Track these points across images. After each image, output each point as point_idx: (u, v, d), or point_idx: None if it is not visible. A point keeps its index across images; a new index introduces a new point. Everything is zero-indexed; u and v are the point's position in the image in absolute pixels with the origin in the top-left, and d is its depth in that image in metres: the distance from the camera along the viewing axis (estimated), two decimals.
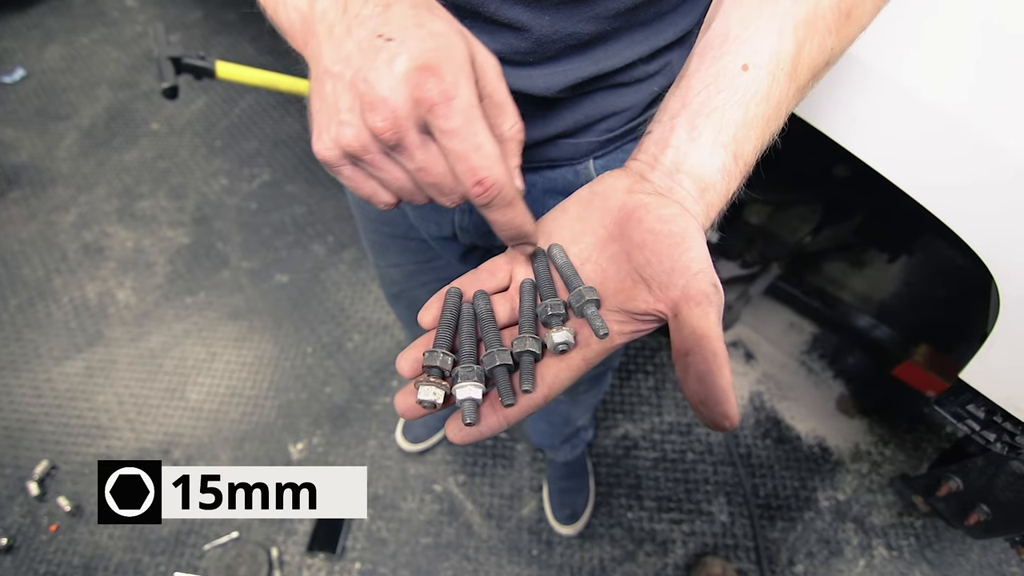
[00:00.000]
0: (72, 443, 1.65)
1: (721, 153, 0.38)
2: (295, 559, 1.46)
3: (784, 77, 0.38)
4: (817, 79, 0.42)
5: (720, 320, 0.33)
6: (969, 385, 0.73)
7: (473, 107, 0.30)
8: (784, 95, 0.39)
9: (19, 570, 1.45)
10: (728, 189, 0.39)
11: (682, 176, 0.38)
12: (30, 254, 2.06)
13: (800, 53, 0.39)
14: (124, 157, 2.37)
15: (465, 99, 0.30)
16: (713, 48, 0.40)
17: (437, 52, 0.30)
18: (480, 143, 0.31)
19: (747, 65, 0.38)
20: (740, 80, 0.38)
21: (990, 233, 0.63)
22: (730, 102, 0.38)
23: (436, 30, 0.30)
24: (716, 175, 0.38)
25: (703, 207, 0.38)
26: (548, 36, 0.45)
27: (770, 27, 0.38)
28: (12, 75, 2.68)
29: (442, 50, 0.30)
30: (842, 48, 0.42)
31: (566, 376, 0.37)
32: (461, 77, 0.30)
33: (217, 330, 1.86)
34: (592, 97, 0.52)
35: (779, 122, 0.40)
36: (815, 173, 1.35)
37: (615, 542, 1.48)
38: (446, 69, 0.30)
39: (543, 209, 0.62)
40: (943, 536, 1.47)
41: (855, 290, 1.62)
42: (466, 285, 0.41)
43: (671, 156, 0.39)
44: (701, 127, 0.38)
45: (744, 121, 0.38)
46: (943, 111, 0.61)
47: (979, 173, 0.61)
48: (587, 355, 0.37)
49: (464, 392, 0.35)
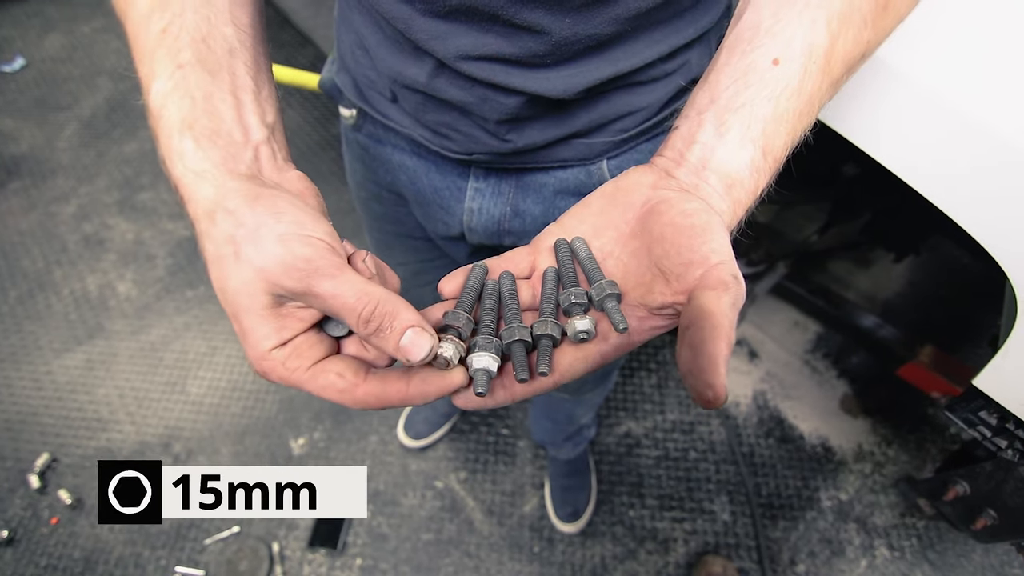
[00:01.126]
0: (73, 436, 1.64)
1: (750, 149, 0.37)
2: (296, 554, 1.45)
3: (817, 71, 0.37)
4: (852, 72, 0.40)
5: (735, 308, 0.31)
6: (982, 392, 0.72)
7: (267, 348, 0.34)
8: (817, 89, 0.38)
9: (20, 563, 1.45)
10: (757, 186, 0.38)
11: (708, 173, 0.37)
12: (30, 245, 2.05)
13: (834, 46, 0.37)
14: (124, 148, 2.35)
15: (258, 346, 0.34)
16: (743, 41, 0.39)
17: (235, 317, 0.35)
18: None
19: (778, 59, 0.37)
20: (771, 74, 0.37)
21: (1009, 238, 0.62)
22: (759, 96, 0.37)
23: (226, 289, 0.34)
24: (744, 171, 0.37)
25: (729, 204, 0.37)
26: (567, 39, 0.44)
27: (803, 20, 0.37)
28: (12, 64, 2.65)
29: (235, 314, 0.34)
30: (879, 40, 0.40)
31: (580, 367, 0.37)
32: (252, 320, 0.34)
33: (218, 324, 1.85)
34: (608, 97, 0.51)
35: (811, 117, 0.39)
36: (823, 171, 1.33)
37: (617, 540, 1.48)
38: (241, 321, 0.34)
39: (555, 210, 0.61)
40: (945, 537, 1.46)
41: (860, 289, 1.61)
42: (492, 265, 0.41)
43: (698, 152, 0.38)
44: (729, 122, 0.37)
45: (774, 116, 0.37)
46: (958, 109, 0.60)
47: (998, 175, 0.60)
48: (604, 349, 0.37)
49: (481, 362, 0.35)
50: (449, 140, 0.55)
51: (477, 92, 0.48)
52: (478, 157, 0.56)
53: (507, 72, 0.46)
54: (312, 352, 0.35)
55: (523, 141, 0.53)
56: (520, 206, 0.61)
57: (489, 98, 0.48)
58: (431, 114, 0.54)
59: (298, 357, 0.35)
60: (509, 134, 0.52)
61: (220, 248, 0.33)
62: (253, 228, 0.33)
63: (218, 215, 0.34)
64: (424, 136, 0.57)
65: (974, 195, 0.63)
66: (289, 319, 0.35)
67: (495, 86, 0.47)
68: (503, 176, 0.60)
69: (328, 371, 0.35)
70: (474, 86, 0.48)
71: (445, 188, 0.63)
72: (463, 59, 0.46)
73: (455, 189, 0.62)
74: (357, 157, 0.71)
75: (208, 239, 0.34)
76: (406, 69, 0.50)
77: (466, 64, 0.46)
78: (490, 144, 0.54)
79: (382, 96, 0.58)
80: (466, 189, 0.61)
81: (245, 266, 0.33)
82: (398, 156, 0.64)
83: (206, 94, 0.37)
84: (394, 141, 0.63)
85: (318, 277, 0.32)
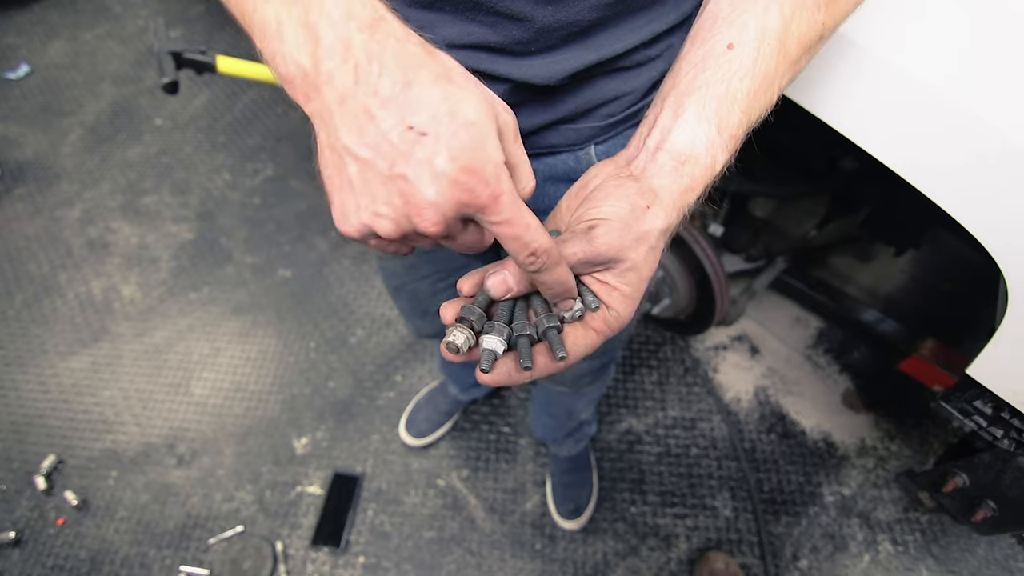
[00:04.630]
0: (79, 438, 1.66)
1: (705, 126, 0.40)
2: (299, 553, 1.46)
3: (771, 53, 0.40)
4: (812, 53, 0.44)
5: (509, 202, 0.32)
6: (976, 381, 0.72)
7: (514, 195, 0.31)
8: (772, 70, 0.41)
9: (27, 563, 1.47)
10: (714, 160, 0.41)
11: (661, 153, 0.40)
12: (35, 250, 2.07)
13: (788, 29, 0.40)
14: (128, 153, 2.37)
15: (509, 191, 0.31)
16: (703, 31, 0.42)
17: (475, 152, 0.29)
18: (527, 222, 0.32)
19: (732, 44, 0.40)
20: (724, 58, 0.40)
21: (998, 225, 0.62)
22: (714, 79, 0.40)
23: (469, 118, 0.30)
24: (699, 148, 0.40)
25: (682, 180, 0.40)
26: (550, 25, 0.45)
27: (757, 7, 0.40)
28: (16, 71, 2.68)
29: (479, 149, 0.29)
30: (835, 23, 0.43)
31: (582, 343, 0.40)
32: (501, 172, 0.31)
33: (221, 325, 1.86)
34: (593, 83, 0.52)
35: (769, 95, 0.42)
36: (821, 166, 1.33)
37: (618, 537, 1.48)
38: (487, 169, 0.30)
39: (544, 196, 0.62)
40: (949, 531, 1.46)
41: (861, 284, 1.60)
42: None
43: (656, 136, 0.41)
44: (686, 104, 0.40)
45: (727, 95, 0.40)
46: (948, 98, 0.60)
47: (987, 163, 0.60)
48: (597, 326, 0.40)
49: (487, 343, 0.39)
50: None
51: None
52: None
53: (492, 60, 0.47)
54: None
55: None
56: None
57: None
58: None
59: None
60: None
61: (449, 64, 0.32)
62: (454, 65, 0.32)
63: (390, 25, 0.31)
64: None
65: (966, 187, 0.63)
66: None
67: (481, 74, 0.48)
68: None
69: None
70: None
71: None
72: (449, 48, 0.46)
73: None
74: None
75: (376, 42, 0.29)
76: None
77: (452, 53, 0.46)
78: None
79: None
80: None
81: (472, 84, 0.31)
82: None
83: None
84: None
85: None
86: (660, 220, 0.39)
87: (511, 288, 0.39)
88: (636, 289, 0.40)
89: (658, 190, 0.40)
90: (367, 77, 0.29)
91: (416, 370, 1.75)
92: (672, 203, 0.40)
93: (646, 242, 0.39)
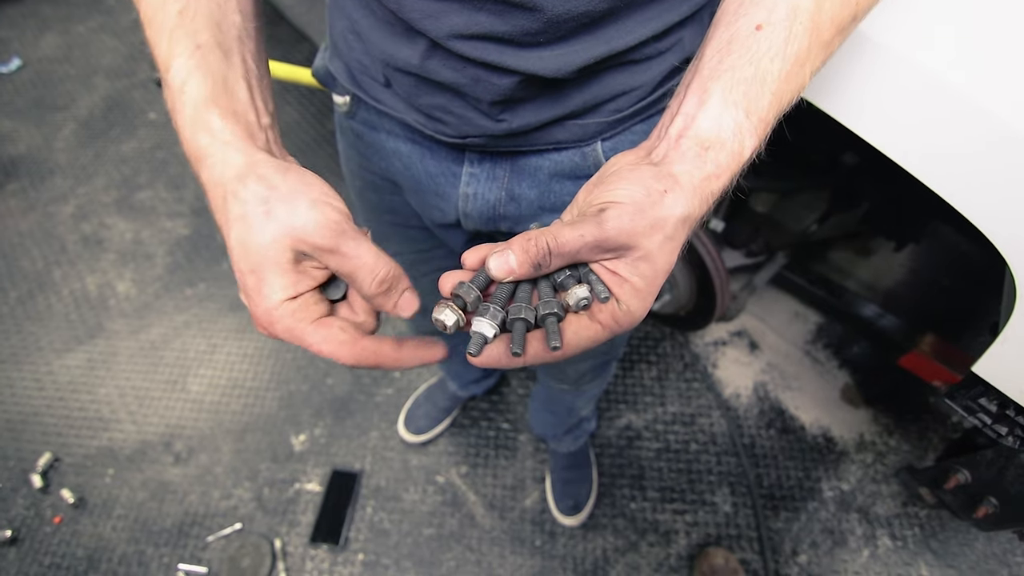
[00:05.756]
0: (75, 435, 1.65)
1: (732, 111, 0.37)
2: (298, 550, 1.46)
3: (803, 32, 0.37)
4: (845, 34, 0.41)
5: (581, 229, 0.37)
6: (982, 378, 0.72)
7: (293, 330, 0.39)
8: (804, 50, 0.38)
9: (24, 562, 1.46)
10: (742, 146, 0.38)
11: (684, 140, 0.38)
12: (29, 246, 2.05)
13: (821, 8, 0.38)
14: (122, 147, 2.35)
15: (283, 330, 0.39)
16: (728, 14, 0.39)
17: (250, 299, 0.39)
18: (310, 343, 0.39)
19: (761, 24, 0.37)
20: (752, 39, 0.37)
21: (1004, 218, 0.61)
22: (741, 61, 0.37)
23: (242, 268, 0.38)
24: (726, 133, 0.37)
25: (706, 167, 0.37)
26: (560, 15, 0.43)
27: None
28: (8, 65, 2.65)
29: (254, 296, 0.38)
30: (869, 3, 0.40)
31: (584, 335, 0.39)
32: (273, 312, 0.38)
33: (218, 321, 1.85)
34: (602, 77, 0.51)
35: (801, 78, 0.39)
36: (822, 160, 1.32)
37: (618, 533, 1.48)
38: (259, 316, 0.39)
39: (550, 193, 0.61)
40: (948, 526, 1.46)
41: (861, 279, 1.60)
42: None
43: (679, 123, 0.38)
44: (711, 89, 0.37)
45: (756, 76, 0.37)
46: (953, 89, 0.59)
47: (992, 153, 0.59)
48: (603, 319, 0.39)
49: (477, 326, 0.38)
50: (443, 124, 0.55)
51: (470, 73, 0.48)
52: (472, 140, 0.56)
53: (500, 51, 0.46)
54: (317, 308, 0.40)
55: (518, 122, 0.53)
56: (515, 190, 0.61)
57: (482, 79, 0.48)
58: (424, 97, 0.53)
59: (305, 311, 0.39)
60: (503, 115, 0.52)
61: (250, 207, 0.37)
62: (287, 192, 0.37)
63: (250, 179, 0.37)
64: (418, 120, 0.57)
65: (972, 179, 0.62)
66: (304, 275, 0.39)
67: (488, 66, 0.47)
68: (498, 160, 0.60)
69: (332, 325, 0.39)
70: (467, 66, 0.48)
71: (440, 174, 0.62)
72: (456, 38, 0.45)
73: (450, 175, 0.62)
74: (351, 145, 0.71)
75: (235, 199, 0.37)
76: (398, 51, 0.50)
77: (459, 43, 0.45)
78: (484, 126, 0.53)
79: (375, 81, 0.58)
80: (461, 174, 0.61)
81: (275, 224, 0.37)
82: (392, 143, 0.64)
83: (223, 76, 0.40)
84: (388, 127, 0.63)
85: (345, 238, 0.38)
86: (679, 207, 0.36)
87: (513, 271, 0.37)
88: (650, 283, 0.37)
89: (678, 175, 0.36)
90: (229, 205, 0.38)
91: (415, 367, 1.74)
92: (693, 189, 0.36)
93: (661, 230, 0.36)
